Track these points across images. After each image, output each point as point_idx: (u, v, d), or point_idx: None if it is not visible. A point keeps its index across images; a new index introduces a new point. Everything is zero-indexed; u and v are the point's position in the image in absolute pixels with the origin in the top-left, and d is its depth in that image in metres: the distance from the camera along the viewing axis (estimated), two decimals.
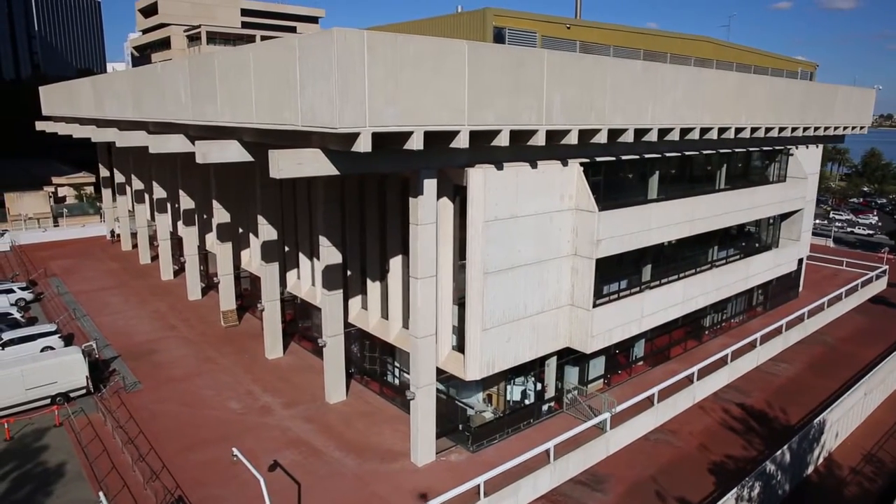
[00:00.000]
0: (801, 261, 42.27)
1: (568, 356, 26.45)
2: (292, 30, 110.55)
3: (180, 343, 33.64)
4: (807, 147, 38.34)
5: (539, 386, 25.90)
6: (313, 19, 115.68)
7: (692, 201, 28.71)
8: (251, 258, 36.92)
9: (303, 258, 31.12)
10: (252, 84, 19.17)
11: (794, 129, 33.69)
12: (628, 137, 23.79)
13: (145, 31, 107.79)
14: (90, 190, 74.83)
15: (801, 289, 44.34)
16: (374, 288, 26.31)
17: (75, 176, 76.47)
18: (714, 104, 27.52)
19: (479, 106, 18.32)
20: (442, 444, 23.16)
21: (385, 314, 26.11)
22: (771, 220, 37.32)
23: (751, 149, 33.51)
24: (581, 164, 23.59)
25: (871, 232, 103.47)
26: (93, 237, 60.58)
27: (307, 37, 16.30)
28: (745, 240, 36.50)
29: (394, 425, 25.09)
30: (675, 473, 23.18)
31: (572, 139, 21.57)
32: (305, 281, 31.29)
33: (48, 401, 26.74)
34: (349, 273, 27.06)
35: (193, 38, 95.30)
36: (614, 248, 24.42)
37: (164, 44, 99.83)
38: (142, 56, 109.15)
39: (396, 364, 27.43)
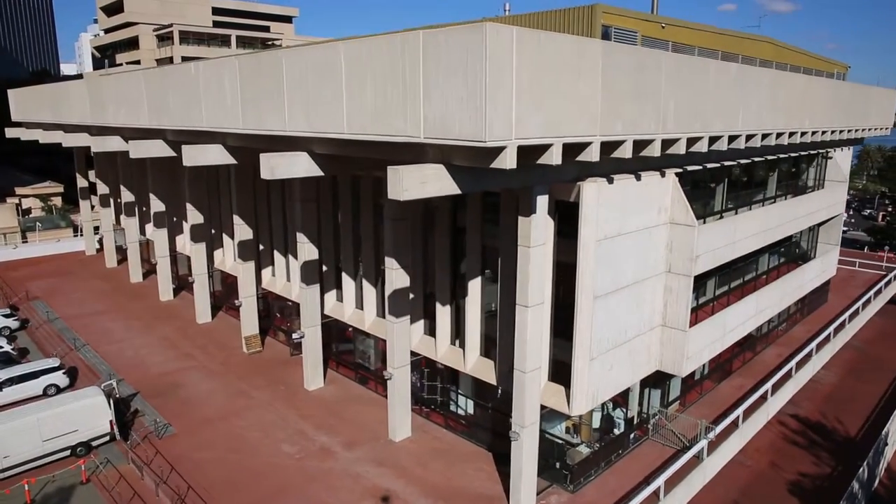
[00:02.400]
0: None
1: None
2: (265, 29, 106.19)
3: (204, 375, 30.24)
4: (842, 150, 37.83)
5: (627, 412, 24.01)
6: (287, 18, 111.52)
7: (766, 210, 27.43)
8: (274, 278, 33.83)
9: (346, 279, 28.32)
10: (343, 88, 16.52)
11: (841, 132, 32.95)
12: (722, 145, 22.16)
13: (108, 31, 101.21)
14: (58, 201, 69.28)
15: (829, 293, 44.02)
16: (443, 313, 23.85)
17: (40, 186, 70.54)
18: (787, 107, 26.26)
19: (610, 114, 16.23)
20: (538, 484, 20.93)
21: (458, 341, 23.70)
22: (811, 226, 36.57)
23: (801, 153, 32.54)
24: (676, 174, 21.83)
25: (844, 228, 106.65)
26: (69, 253, 55.61)
27: (437, 32, 13.81)
28: (788, 247, 35.58)
29: (474, 464, 22.71)
30: (757, 496, 21.82)
31: (680, 148, 19.72)
32: (349, 304, 28.49)
33: (67, 452, 23.35)
34: (411, 296, 24.53)
35: (164, 38, 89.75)
36: (709, 264, 22.78)
37: (132, 44, 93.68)
38: (105, 57, 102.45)
39: (461, 393, 25.07)
